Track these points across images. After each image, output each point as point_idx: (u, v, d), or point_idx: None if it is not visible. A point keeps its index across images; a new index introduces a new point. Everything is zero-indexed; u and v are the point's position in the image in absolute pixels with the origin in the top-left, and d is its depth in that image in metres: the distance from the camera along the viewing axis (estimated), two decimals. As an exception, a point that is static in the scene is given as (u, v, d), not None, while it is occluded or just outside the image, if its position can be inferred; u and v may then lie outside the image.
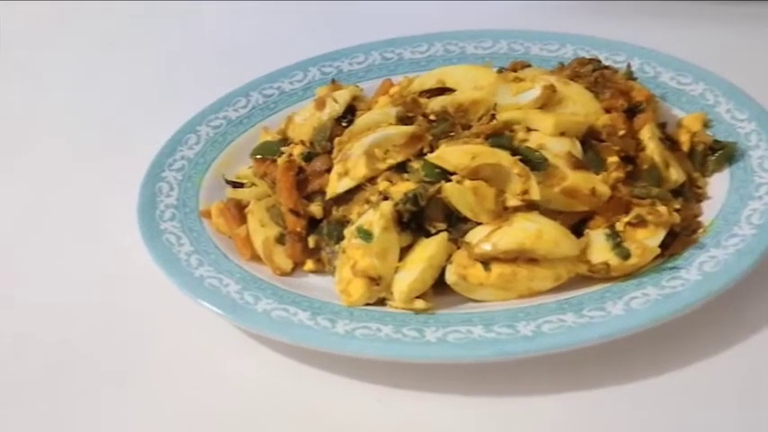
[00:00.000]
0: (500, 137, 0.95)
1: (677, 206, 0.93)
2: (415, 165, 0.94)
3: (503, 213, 0.90)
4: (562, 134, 0.96)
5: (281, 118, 1.19)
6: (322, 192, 0.98)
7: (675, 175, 0.98)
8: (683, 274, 0.87)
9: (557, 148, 0.95)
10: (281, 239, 0.98)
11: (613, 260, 0.88)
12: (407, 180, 0.94)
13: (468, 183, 0.88)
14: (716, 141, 1.02)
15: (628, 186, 0.94)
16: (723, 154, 1.00)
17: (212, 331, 0.94)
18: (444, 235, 0.91)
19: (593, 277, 0.89)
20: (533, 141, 0.95)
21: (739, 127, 1.05)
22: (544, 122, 0.96)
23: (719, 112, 1.08)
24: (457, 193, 0.89)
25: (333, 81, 1.22)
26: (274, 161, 1.02)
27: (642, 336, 0.83)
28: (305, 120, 1.03)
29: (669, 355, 0.85)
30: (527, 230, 0.87)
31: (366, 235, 0.90)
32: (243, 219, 1.01)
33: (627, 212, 0.92)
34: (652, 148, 0.98)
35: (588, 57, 1.17)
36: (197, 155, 1.13)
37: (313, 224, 0.99)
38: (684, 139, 1.02)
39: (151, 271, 0.96)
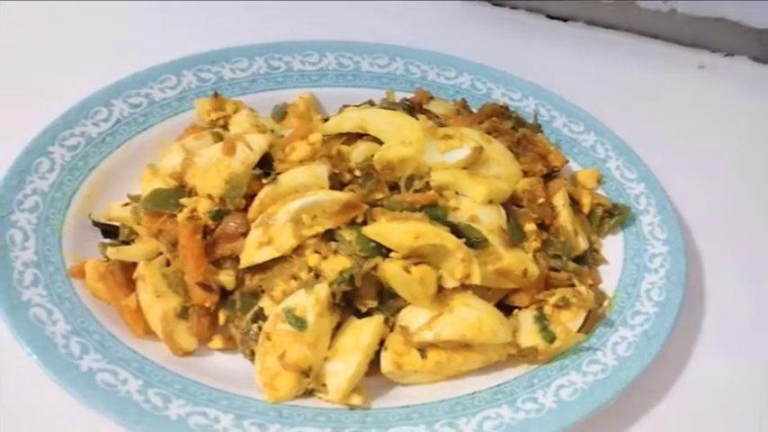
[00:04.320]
0: (435, 207, 0.89)
1: (590, 282, 0.96)
2: (347, 235, 0.85)
3: (439, 296, 0.85)
4: (490, 201, 0.93)
5: (153, 136, 1.01)
6: (233, 257, 0.85)
7: (583, 243, 1.00)
8: (600, 357, 0.90)
9: (487, 220, 0.91)
10: (183, 313, 0.83)
11: (541, 344, 0.88)
12: (336, 251, 0.85)
13: (415, 271, 0.82)
14: (614, 206, 1.06)
15: (543, 257, 0.95)
16: (619, 219, 1.05)
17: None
18: (380, 319, 0.84)
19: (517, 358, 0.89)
20: (464, 210, 0.91)
21: (629, 187, 1.10)
22: (475, 191, 0.91)
23: (610, 169, 1.12)
24: (402, 280, 0.82)
25: (215, 94, 1.04)
26: (172, 216, 0.85)
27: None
28: (209, 165, 0.87)
29: None
30: (468, 320, 0.84)
31: (298, 322, 0.80)
32: (130, 285, 0.84)
33: (546, 287, 0.93)
34: (565, 216, 0.99)
35: (496, 99, 1.15)
36: (52, 187, 0.91)
37: (221, 294, 0.85)
38: (586, 201, 1.04)
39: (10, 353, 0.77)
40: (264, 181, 0.86)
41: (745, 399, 0.96)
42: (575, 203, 1.05)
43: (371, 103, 1.10)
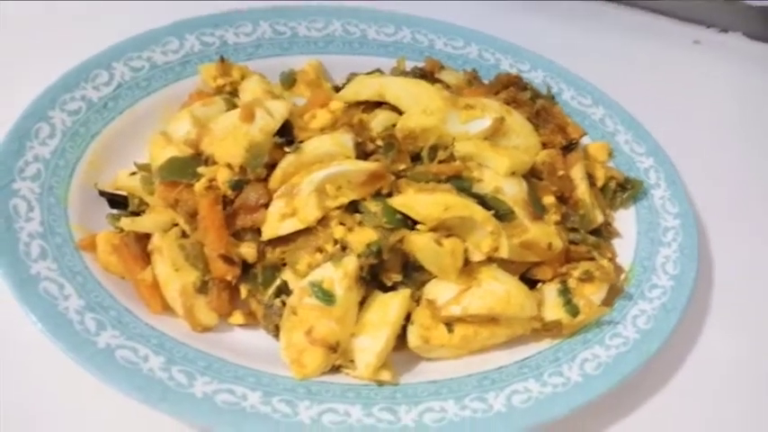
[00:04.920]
0: (460, 179, 0.87)
1: (610, 255, 0.95)
2: (372, 207, 0.82)
3: (465, 269, 0.83)
4: (512, 173, 0.91)
5: (156, 102, 0.96)
6: (254, 229, 0.81)
7: (599, 216, 0.99)
8: (622, 330, 0.89)
9: (510, 192, 0.89)
10: (202, 288, 0.79)
11: (565, 318, 0.87)
12: (361, 223, 0.82)
13: (447, 244, 0.80)
14: (627, 179, 1.05)
15: (563, 230, 0.94)
16: (632, 192, 1.04)
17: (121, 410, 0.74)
18: (407, 293, 0.82)
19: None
20: (488, 182, 0.89)
21: (638, 161, 1.09)
22: (499, 162, 0.89)
23: (619, 142, 1.11)
24: (432, 253, 0.80)
25: (221, 59, 0.99)
26: (189, 185, 0.80)
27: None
28: (227, 132, 0.82)
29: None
30: (496, 294, 0.82)
31: (326, 296, 0.77)
32: (146, 258, 0.80)
33: (566, 261, 0.92)
34: (583, 189, 0.98)
35: (504, 70, 1.12)
36: (54, 154, 0.85)
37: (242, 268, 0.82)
38: (600, 174, 1.04)
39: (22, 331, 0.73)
40: (287, 150, 0.82)
41: (755, 368, 0.97)
42: (588, 177, 1.05)
43: (380, 72, 1.07)
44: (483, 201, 0.85)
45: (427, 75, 1.04)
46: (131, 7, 1.13)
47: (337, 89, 1.01)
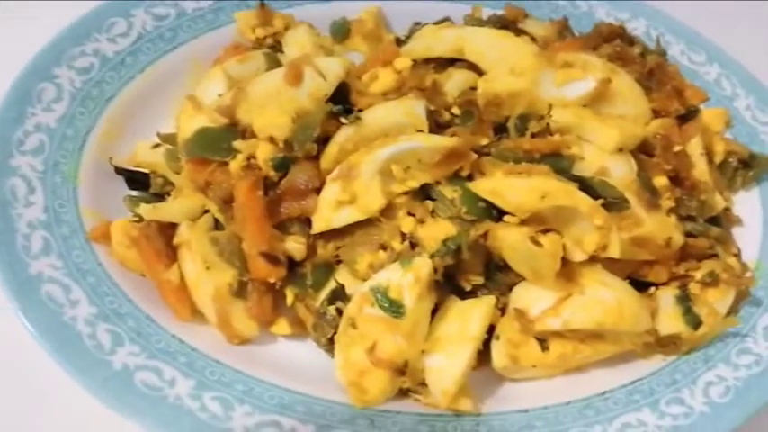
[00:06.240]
0: (558, 157, 0.69)
1: (735, 250, 0.78)
2: (448, 192, 0.66)
3: (563, 271, 0.67)
4: (619, 149, 0.73)
5: (183, 57, 0.80)
6: (302, 220, 0.66)
7: (721, 201, 0.81)
8: (752, 345, 0.72)
9: (618, 173, 0.72)
10: (240, 290, 0.64)
11: (685, 330, 0.70)
12: (434, 213, 0.66)
13: (547, 242, 0.63)
14: (751, 155, 0.86)
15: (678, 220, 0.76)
16: (757, 171, 0.85)
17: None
18: (491, 301, 0.66)
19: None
20: (591, 161, 0.72)
21: (763, 132, 0.90)
22: (605, 136, 0.72)
23: (738, 109, 0.92)
24: (525, 253, 0.63)
25: (261, 4, 0.83)
26: (224, 164, 0.65)
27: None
28: (268, 97, 0.66)
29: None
30: (605, 303, 0.65)
31: (394, 306, 0.61)
32: (171, 253, 0.65)
33: (682, 258, 0.75)
34: (702, 168, 0.80)
35: (600, 19, 0.93)
36: (61, 122, 0.70)
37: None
38: (719, 149, 0.85)
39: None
40: (344, 120, 0.65)
41: None
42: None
43: (449, 21, 0.89)
44: (586, 185, 0.68)
45: (509, 25, 0.86)
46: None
47: (399, 42, 0.84)
